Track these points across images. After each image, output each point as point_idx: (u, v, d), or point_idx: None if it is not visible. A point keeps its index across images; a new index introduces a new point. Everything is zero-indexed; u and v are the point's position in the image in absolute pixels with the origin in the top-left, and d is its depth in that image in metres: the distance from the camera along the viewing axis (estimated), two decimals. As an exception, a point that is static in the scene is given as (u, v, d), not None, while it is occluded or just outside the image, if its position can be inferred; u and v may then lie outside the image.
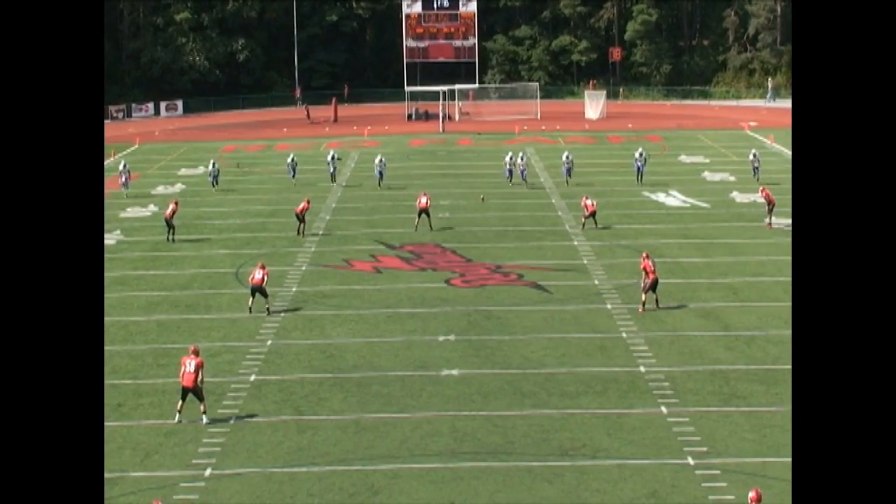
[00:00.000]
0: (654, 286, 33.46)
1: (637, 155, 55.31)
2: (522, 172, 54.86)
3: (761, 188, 47.37)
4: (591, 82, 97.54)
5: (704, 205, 50.40)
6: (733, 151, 66.76)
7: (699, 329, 31.90)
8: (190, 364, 25.17)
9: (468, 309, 34.15)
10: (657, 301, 33.64)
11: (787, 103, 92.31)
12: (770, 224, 44.89)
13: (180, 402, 25.31)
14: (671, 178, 56.45)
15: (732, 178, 57.06)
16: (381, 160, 55.98)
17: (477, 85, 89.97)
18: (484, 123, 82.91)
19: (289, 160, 57.45)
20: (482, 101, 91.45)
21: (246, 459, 23.39)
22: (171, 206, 44.54)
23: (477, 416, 25.53)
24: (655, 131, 76.80)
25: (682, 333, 31.50)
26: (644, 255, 34.57)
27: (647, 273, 33.48)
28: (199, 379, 25.16)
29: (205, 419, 25.15)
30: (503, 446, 23.85)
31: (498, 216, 48.26)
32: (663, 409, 25.87)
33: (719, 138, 72.88)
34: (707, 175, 58.60)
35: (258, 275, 33.50)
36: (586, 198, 45.78)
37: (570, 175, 54.72)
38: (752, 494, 19.08)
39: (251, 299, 33.73)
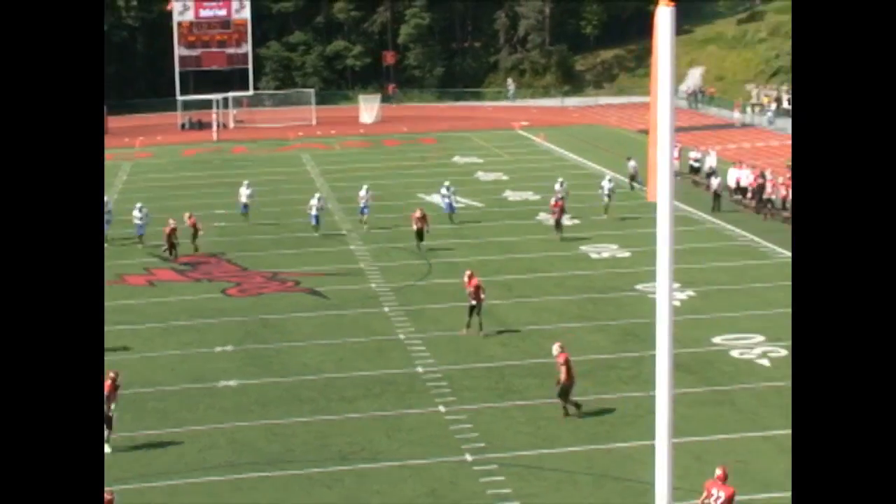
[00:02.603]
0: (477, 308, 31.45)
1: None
2: (364, 209, 46.21)
3: (554, 200, 44.25)
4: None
5: (479, 204, 51.24)
6: (506, 151, 68.08)
7: (475, 326, 32.34)
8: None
9: (245, 318, 33.84)
10: (480, 325, 31.56)
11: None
12: (559, 232, 43.34)
13: None
14: (445, 179, 57.10)
15: (505, 178, 58.18)
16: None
17: (251, 92, 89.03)
18: (259, 130, 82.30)
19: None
20: (257, 109, 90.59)
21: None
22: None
23: (255, 425, 25.34)
24: (430, 133, 77.66)
25: (459, 332, 31.87)
26: (468, 273, 32.22)
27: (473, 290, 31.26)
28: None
29: None
30: (282, 454, 23.74)
31: (275, 224, 47.87)
32: (441, 407, 26.20)
33: (492, 138, 74.15)
34: (481, 175, 59.58)
35: None
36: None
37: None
38: (718, 472, 18.17)
39: None
